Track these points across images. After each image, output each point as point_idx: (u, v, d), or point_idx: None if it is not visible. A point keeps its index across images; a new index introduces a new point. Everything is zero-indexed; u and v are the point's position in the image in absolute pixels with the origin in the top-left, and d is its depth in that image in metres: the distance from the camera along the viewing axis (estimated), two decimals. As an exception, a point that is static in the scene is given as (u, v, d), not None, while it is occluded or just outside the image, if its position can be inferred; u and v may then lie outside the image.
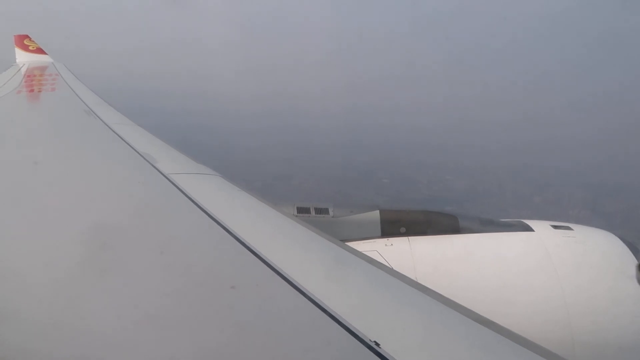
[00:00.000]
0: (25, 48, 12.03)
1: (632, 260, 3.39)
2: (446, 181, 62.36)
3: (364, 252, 2.03)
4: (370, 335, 1.29)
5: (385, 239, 3.66)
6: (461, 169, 68.54)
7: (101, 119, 4.86)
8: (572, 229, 3.65)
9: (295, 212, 3.73)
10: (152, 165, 3.05)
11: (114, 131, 4.21)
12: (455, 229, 3.69)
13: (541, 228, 3.66)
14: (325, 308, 1.42)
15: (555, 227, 3.67)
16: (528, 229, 3.67)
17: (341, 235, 3.36)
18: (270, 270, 1.67)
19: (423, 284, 1.75)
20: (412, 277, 2.43)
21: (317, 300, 1.46)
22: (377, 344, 1.26)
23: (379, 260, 3.00)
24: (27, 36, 12.32)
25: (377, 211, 3.81)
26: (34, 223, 2.24)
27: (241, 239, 1.92)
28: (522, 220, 3.85)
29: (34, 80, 9.09)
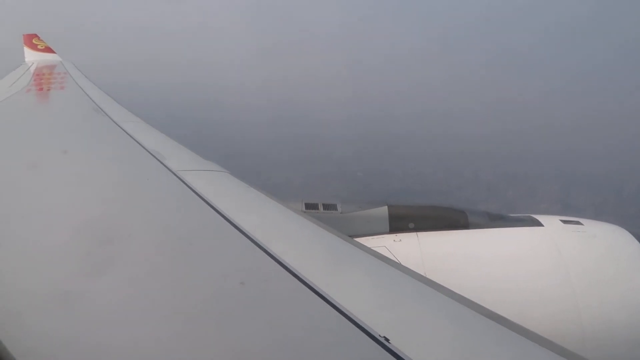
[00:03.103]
0: (34, 47, 12.11)
1: None
2: (422, 174, 62.24)
3: (372, 248, 2.02)
4: (379, 330, 1.29)
5: (394, 235, 3.64)
6: (441, 161, 68.39)
7: (110, 117, 4.89)
8: (582, 224, 3.62)
9: (304, 208, 3.73)
10: (161, 162, 3.07)
11: (122, 128, 4.23)
12: (464, 224, 3.67)
13: (551, 223, 3.63)
14: (334, 304, 1.42)
15: (564, 221, 3.64)
16: (537, 223, 3.64)
17: (349, 231, 3.35)
18: (279, 267, 1.67)
19: (432, 279, 1.75)
20: (421, 273, 2.42)
21: (326, 296, 1.46)
22: (387, 340, 1.26)
23: (387, 256, 2.99)
24: (36, 35, 12.40)
25: (385, 207, 3.79)
26: (45, 219, 2.26)
27: (250, 235, 1.92)
28: (531, 215, 3.82)
29: (42, 79, 9.15)
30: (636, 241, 3.47)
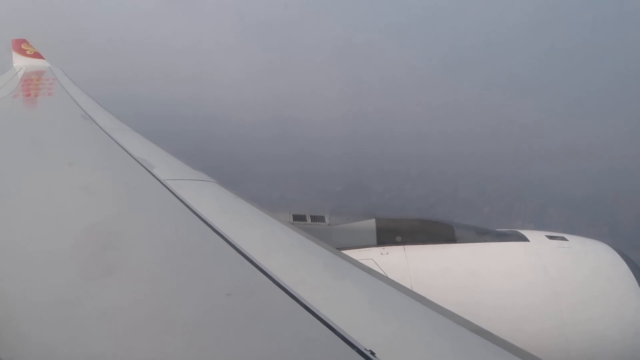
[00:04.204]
0: (23, 52, 12.01)
1: (626, 271, 3.40)
2: (402, 190, 62.73)
3: (359, 261, 2.03)
4: (365, 344, 1.29)
5: (381, 248, 3.65)
6: (423, 178, 69.06)
7: (98, 124, 4.85)
8: (567, 240, 3.66)
9: (291, 220, 3.72)
10: (148, 171, 3.05)
11: (110, 136, 4.20)
12: (450, 238, 3.69)
13: (536, 238, 3.67)
14: (321, 316, 1.42)
15: (550, 237, 3.68)
16: (523, 239, 3.67)
17: (337, 243, 3.35)
18: (266, 278, 1.66)
19: (418, 292, 1.75)
20: (408, 286, 2.42)
21: (312, 309, 1.46)
22: (373, 353, 1.26)
23: (374, 268, 2.99)
24: (24, 40, 12.31)
25: (373, 220, 3.80)
26: (28, 228, 2.23)
27: (237, 246, 1.91)
28: (517, 230, 3.86)
29: (30, 85, 9.07)
30: (619, 257, 3.52)
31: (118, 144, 3.89)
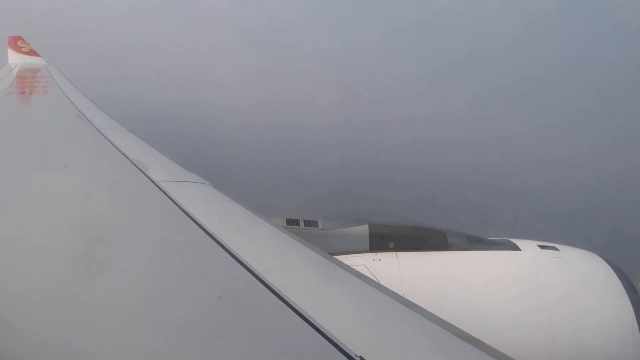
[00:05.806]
0: (18, 49, 11.94)
1: (616, 281, 3.43)
2: (381, 196, 62.91)
3: (351, 266, 2.03)
4: (355, 350, 1.29)
5: (374, 254, 3.65)
6: (405, 185, 69.30)
7: (92, 124, 4.83)
8: (558, 250, 3.68)
9: (284, 224, 3.72)
10: (142, 172, 3.04)
11: (104, 136, 4.18)
12: (443, 246, 3.70)
13: (528, 247, 3.69)
14: (311, 321, 1.42)
15: (541, 247, 3.70)
16: (515, 248, 3.69)
17: (329, 248, 3.35)
18: (258, 281, 1.66)
19: (410, 299, 1.75)
20: (400, 293, 2.43)
21: (303, 313, 1.46)
22: (362, 359, 1.26)
23: (366, 274, 2.99)
24: (20, 37, 12.25)
25: (366, 225, 3.80)
26: (17, 226, 2.21)
27: (229, 249, 1.91)
28: (509, 239, 3.87)
29: (25, 82, 9.02)
30: (610, 268, 3.54)
31: (112, 144, 3.88)
